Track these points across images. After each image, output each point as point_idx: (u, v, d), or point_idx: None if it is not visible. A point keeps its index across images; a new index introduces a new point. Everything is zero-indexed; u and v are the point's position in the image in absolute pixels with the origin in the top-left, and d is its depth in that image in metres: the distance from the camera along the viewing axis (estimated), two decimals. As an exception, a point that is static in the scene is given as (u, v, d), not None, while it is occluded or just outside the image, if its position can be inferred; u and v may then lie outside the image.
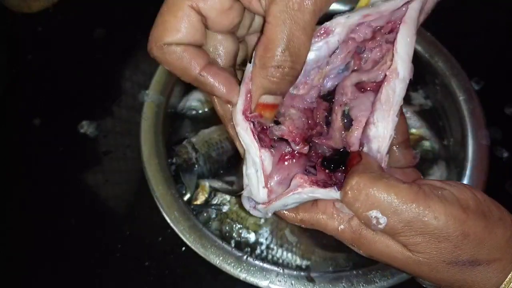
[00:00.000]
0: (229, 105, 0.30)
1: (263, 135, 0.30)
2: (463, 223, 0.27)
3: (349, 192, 0.27)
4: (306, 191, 0.28)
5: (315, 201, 0.30)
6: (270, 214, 0.31)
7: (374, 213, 0.27)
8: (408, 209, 0.26)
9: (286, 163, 0.30)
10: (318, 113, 0.32)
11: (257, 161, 0.29)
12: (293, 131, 0.30)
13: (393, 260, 0.28)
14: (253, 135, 0.29)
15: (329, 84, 0.31)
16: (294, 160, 0.30)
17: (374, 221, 0.27)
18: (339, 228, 0.29)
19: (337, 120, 0.31)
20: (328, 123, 0.32)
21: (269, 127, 0.30)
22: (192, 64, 0.28)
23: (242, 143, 0.30)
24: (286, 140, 0.30)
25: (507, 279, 0.28)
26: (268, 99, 0.28)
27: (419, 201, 0.27)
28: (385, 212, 0.27)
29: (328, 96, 0.32)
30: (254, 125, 0.29)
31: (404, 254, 0.28)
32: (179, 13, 0.27)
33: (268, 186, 0.29)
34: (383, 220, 0.27)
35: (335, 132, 0.31)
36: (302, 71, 0.28)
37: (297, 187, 0.29)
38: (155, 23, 0.28)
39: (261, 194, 0.29)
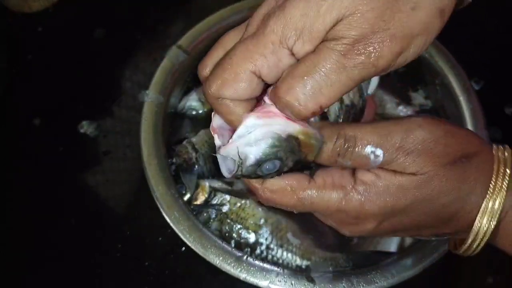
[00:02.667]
0: None
1: None
2: (440, 123, 0.30)
3: (341, 142, 0.29)
4: (251, 120, 0.28)
5: (311, 178, 0.30)
6: (229, 172, 0.30)
7: (369, 148, 0.28)
8: (395, 132, 0.29)
9: None
10: None
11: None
12: None
13: (405, 195, 0.29)
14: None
15: None
16: None
17: (372, 157, 0.28)
18: (345, 196, 0.30)
19: None
20: None
21: None
22: (239, 119, 0.29)
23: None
24: None
25: (482, 206, 0.30)
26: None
27: (402, 123, 0.29)
28: (377, 145, 0.29)
29: None
30: None
31: (414, 181, 0.29)
32: (240, 75, 0.27)
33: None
34: (379, 152, 0.29)
35: None
36: None
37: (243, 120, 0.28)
38: (215, 73, 0.28)
39: (216, 141, 0.30)
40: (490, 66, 0.68)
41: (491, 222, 0.30)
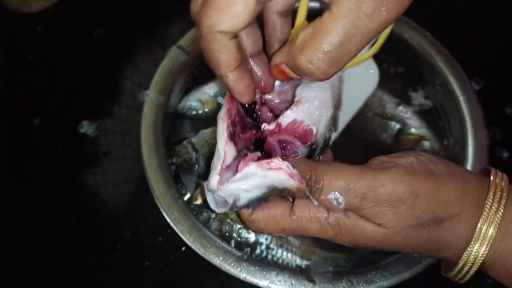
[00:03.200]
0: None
1: (238, 140, 0.32)
2: (410, 183, 0.29)
3: (308, 184, 0.30)
4: (252, 169, 0.29)
5: (291, 210, 0.32)
6: (219, 208, 0.31)
7: (332, 195, 0.30)
8: (358, 184, 0.29)
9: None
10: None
11: (221, 152, 0.30)
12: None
13: (372, 240, 0.30)
14: (227, 129, 0.31)
15: None
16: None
17: (335, 203, 0.30)
18: (320, 228, 0.31)
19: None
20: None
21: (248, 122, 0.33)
22: (230, 60, 0.28)
23: (217, 133, 0.31)
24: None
25: (475, 232, 0.29)
26: (287, 69, 0.28)
27: (366, 176, 0.30)
28: (341, 192, 0.30)
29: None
30: (234, 124, 0.32)
31: (376, 230, 0.30)
32: (242, 4, 0.26)
33: (222, 176, 0.30)
34: (341, 199, 0.30)
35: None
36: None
37: (243, 167, 0.29)
38: (208, 4, 0.26)
39: (212, 180, 0.30)
40: (490, 66, 0.68)
41: (483, 248, 0.29)
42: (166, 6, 0.72)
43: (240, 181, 0.29)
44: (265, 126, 0.32)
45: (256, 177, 0.29)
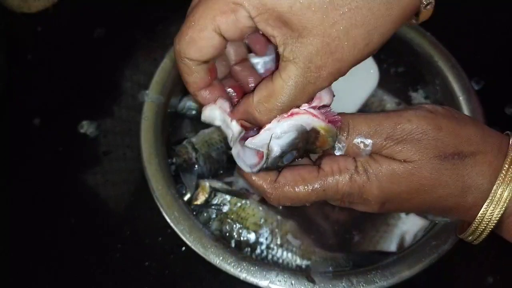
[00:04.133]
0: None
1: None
2: (433, 119, 0.30)
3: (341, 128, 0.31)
4: (302, 117, 0.30)
5: (319, 168, 0.32)
6: (252, 166, 0.31)
7: (358, 138, 0.31)
8: (384, 125, 0.30)
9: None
10: None
11: (218, 112, 0.32)
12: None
13: (398, 178, 0.31)
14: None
15: None
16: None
17: (362, 146, 0.31)
18: (350, 179, 0.31)
19: None
20: None
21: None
22: (197, 82, 0.32)
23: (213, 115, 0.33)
24: None
25: (491, 193, 0.30)
26: (247, 124, 0.32)
27: (392, 116, 0.31)
28: (367, 135, 0.30)
29: None
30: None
31: (403, 166, 0.30)
32: (203, 33, 0.28)
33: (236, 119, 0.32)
34: (368, 142, 0.30)
35: None
36: None
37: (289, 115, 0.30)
38: (181, 33, 0.29)
39: (233, 127, 0.32)
40: (490, 66, 0.68)
41: (497, 210, 0.30)
42: (166, 6, 0.72)
43: (270, 129, 0.30)
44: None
45: (284, 121, 0.30)
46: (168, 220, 0.52)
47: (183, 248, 0.53)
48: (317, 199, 0.32)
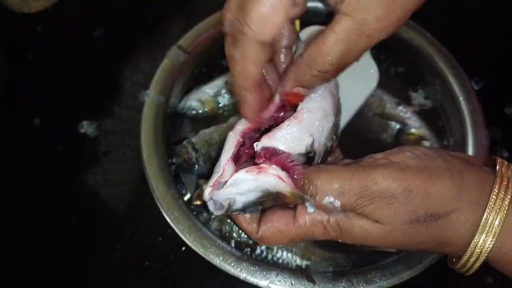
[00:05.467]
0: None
1: (243, 154, 0.33)
2: (403, 180, 0.29)
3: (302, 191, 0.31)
4: (241, 175, 0.30)
5: (294, 219, 0.32)
6: (216, 210, 0.33)
7: (327, 199, 0.30)
8: (352, 185, 0.30)
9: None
10: None
11: (221, 166, 0.32)
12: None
13: (371, 237, 0.31)
14: (235, 146, 0.32)
15: None
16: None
17: (331, 206, 0.30)
18: (324, 231, 0.32)
19: None
20: None
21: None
22: (256, 74, 0.30)
23: (224, 145, 0.33)
24: None
25: (478, 231, 0.29)
26: (301, 90, 0.31)
27: (358, 175, 0.30)
28: (335, 195, 0.30)
29: None
30: (243, 143, 0.33)
31: (374, 227, 0.30)
32: (278, 5, 0.27)
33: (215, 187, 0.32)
34: (337, 203, 0.30)
35: None
36: None
37: (233, 173, 0.31)
38: (246, 13, 0.27)
39: (206, 191, 0.32)
40: (490, 66, 0.68)
41: (489, 239, 0.29)
42: (166, 6, 0.72)
43: (232, 186, 0.30)
44: (257, 145, 0.33)
45: (247, 181, 0.30)
46: (168, 220, 0.52)
47: (183, 248, 0.53)
48: (297, 243, 0.34)
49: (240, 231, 0.55)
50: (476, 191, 0.29)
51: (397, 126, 0.64)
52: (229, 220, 0.55)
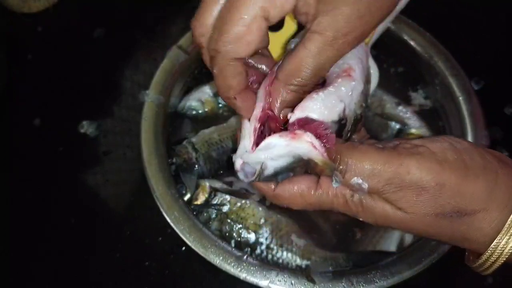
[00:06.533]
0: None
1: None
2: (437, 174, 0.29)
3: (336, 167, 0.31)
4: (274, 139, 0.30)
5: (318, 185, 0.32)
6: (247, 178, 0.32)
7: (355, 180, 0.30)
8: (383, 170, 0.29)
9: None
10: None
11: (251, 130, 0.31)
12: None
13: (391, 221, 0.31)
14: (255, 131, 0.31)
15: None
16: None
17: (357, 187, 0.30)
18: (345, 204, 0.32)
19: None
20: None
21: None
22: (241, 83, 0.31)
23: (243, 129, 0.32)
24: None
25: (502, 232, 0.29)
26: (286, 112, 0.31)
27: (393, 162, 0.29)
28: (364, 177, 0.30)
29: None
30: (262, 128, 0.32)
31: (396, 213, 0.30)
32: (253, 25, 0.28)
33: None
34: (364, 185, 0.30)
35: None
36: None
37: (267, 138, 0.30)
38: (222, 32, 0.28)
39: (237, 162, 0.32)
40: (490, 66, 0.68)
41: (498, 263, 0.29)
42: (166, 6, 0.72)
43: (264, 150, 0.30)
44: (290, 117, 0.32)
45: (280, 146, 0.30)
46: (168, 220, 0.52)
47: (183, 248, 0.53)
48: (313, 210, 0.33)
49: (240, 231, 0.55)
50: (507, 193, 0.29)
51: (397, 126, 0.64)
52: (229, 220, 0.55)
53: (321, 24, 0.27)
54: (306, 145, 0.29)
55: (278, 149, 0.30)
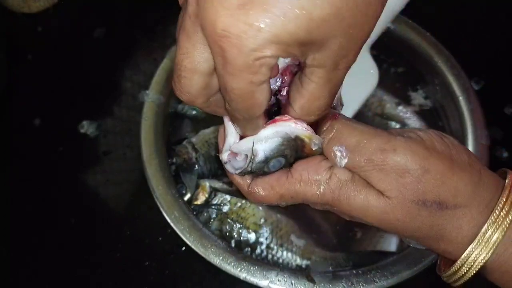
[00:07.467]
0: None
1: None
2: (424, 158, 0.28)
3: (325, 129, 0.30)
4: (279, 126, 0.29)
5: (289, 173, 0.31)
6: (237, 169, 0.31)
7: (337, 147, 0.29)
8: (369, 144, 0.28)
9: None
10: None
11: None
12: None
13: (371, 212, 0.29)
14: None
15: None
16: None
17: (339, 155, 0.29)
18: (319, 192, 0.30)
19: None
20: None
21: None
22: (267, 97, 0.29)
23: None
24: None
25: (479, 234, 0.28)
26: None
27: (381, 137, 0.29)
28: (348, 148, 0.29)
29: None
30: None
31: (379, 201, 0.29)
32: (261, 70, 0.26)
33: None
34: (345, 154, 0.29)
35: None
36: None
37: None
38: (233, 90, 0.26)
39: (224, 154, 0.31)
40: (490, 66, 0.68)
41: (484, 253, 0.28)
42: (166, 6, 0.72)
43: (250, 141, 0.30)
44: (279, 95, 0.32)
45: (267, 128, 0.29)
46: (168, 220, 0.52)
47: (183, 248, 0.53)
48: (288, 204, 0.32)
49: (240, 231, 0.55)
50: (489, 193, 0.29)
51: (397, 126, 0.64)
52: (229, 220, 0.55)
53: (316, 59, 0.26)
54: (289, 122, 0.29)
55: (266, 131, 0.29)
